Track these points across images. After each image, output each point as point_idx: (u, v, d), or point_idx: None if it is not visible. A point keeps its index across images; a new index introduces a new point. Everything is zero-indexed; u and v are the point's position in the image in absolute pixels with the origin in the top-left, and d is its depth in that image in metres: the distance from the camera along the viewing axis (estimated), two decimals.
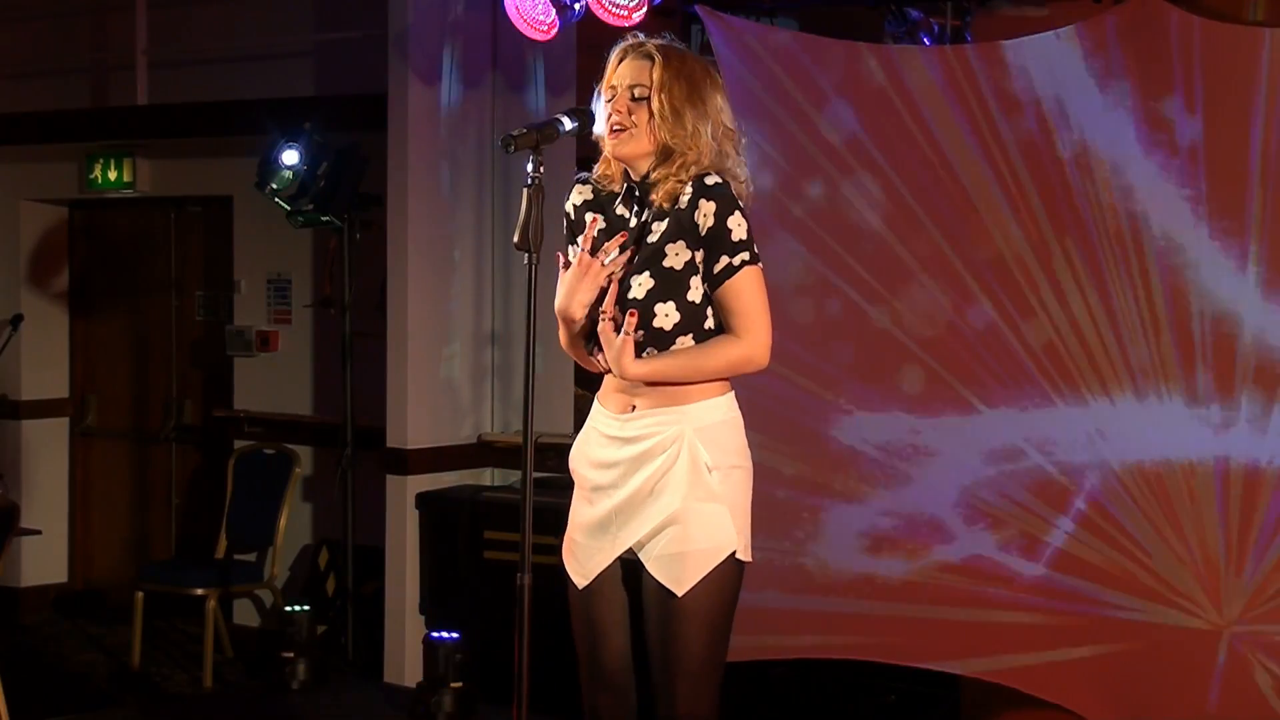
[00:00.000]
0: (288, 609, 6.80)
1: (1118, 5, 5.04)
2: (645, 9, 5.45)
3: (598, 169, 3.69)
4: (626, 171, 3.64)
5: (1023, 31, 5.19)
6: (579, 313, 3.60)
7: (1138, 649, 5.06)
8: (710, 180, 3.52)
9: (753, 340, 3.53)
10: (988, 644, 5.24)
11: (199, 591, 7.13)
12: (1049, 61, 5.06)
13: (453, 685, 6.15)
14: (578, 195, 3.73)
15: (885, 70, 5.27)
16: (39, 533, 8.04)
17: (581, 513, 3.66)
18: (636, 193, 3.62)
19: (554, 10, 5.73)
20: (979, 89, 5.14)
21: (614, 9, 5.50)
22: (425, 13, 6.66)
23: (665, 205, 3.53)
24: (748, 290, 3.52)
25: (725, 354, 3.53)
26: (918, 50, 5.58)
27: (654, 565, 3.52)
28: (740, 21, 5.53)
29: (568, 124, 3.58)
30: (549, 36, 5.90)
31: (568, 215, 3.74)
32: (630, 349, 3.49)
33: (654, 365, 3.51)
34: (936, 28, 6.22)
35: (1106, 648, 5.10)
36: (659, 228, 3.55)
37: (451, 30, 6.77)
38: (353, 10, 7.35)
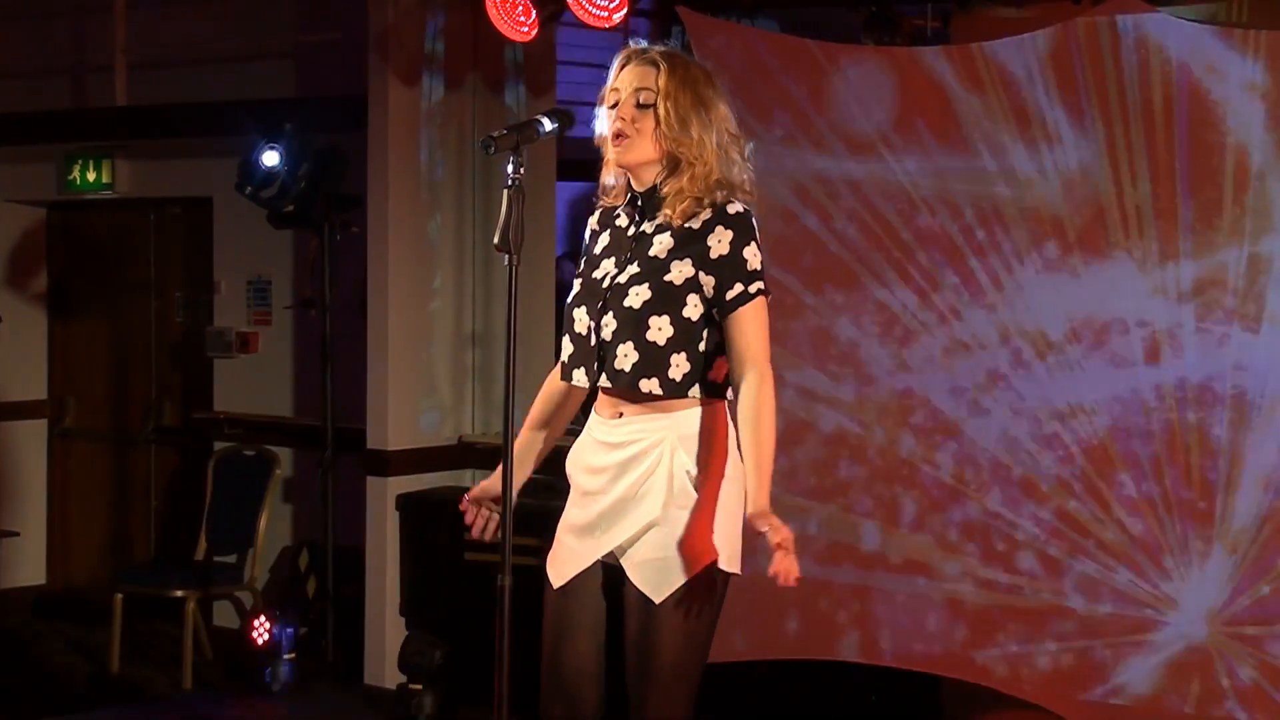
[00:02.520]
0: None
1: (1096, 6, 5.05)
2: (625, 10, 5.46)
3: (602, 176, 3.68)
4: (629, 180, 3.63)
5: (1003, 33, 5.21)
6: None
7: (1113, 647, 5.08)
8: (733, 209, 3.51)
9: (764, 368, 3.49)
10: (962, 639, 5.25)
11: (178, 593, 7.11)
12: (1026, 63, 5.07)
13: (433, 687, 6.14)
14: (593, 219, 3.75)
15: (864, 71, 5.28)
16: (17, 534, 8.04)
17: (572, 516, 3.66)
18: (640, 202, 3.61)
19: (534, 11, 5.73)
20: (956, 90, 5.15)
21: (594, 10, 5.50)
22: (406, 14, 6.66)
23: (677, 222, 3.52)
24: (760, 318, 3.51)
25: (769, 408, 3.46)
26: (896, 51, 5.58)
27: (634, 571, 3.51)
28: (720, 22, 5.54)
29: (548, 125, 3.58)
30: (529, 37, 5.90)
31: (584, 239, 3.75)
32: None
33: (766, 487, 3.41)
34: (916, 29, 6.23)
35: (1081, 644, 5.12)
36: (664, 241, 3.53)
37: (432, 31, 6.76)
38: (333, 11, 7.34)
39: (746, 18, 6.06)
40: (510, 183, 3.44)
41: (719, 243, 3.49)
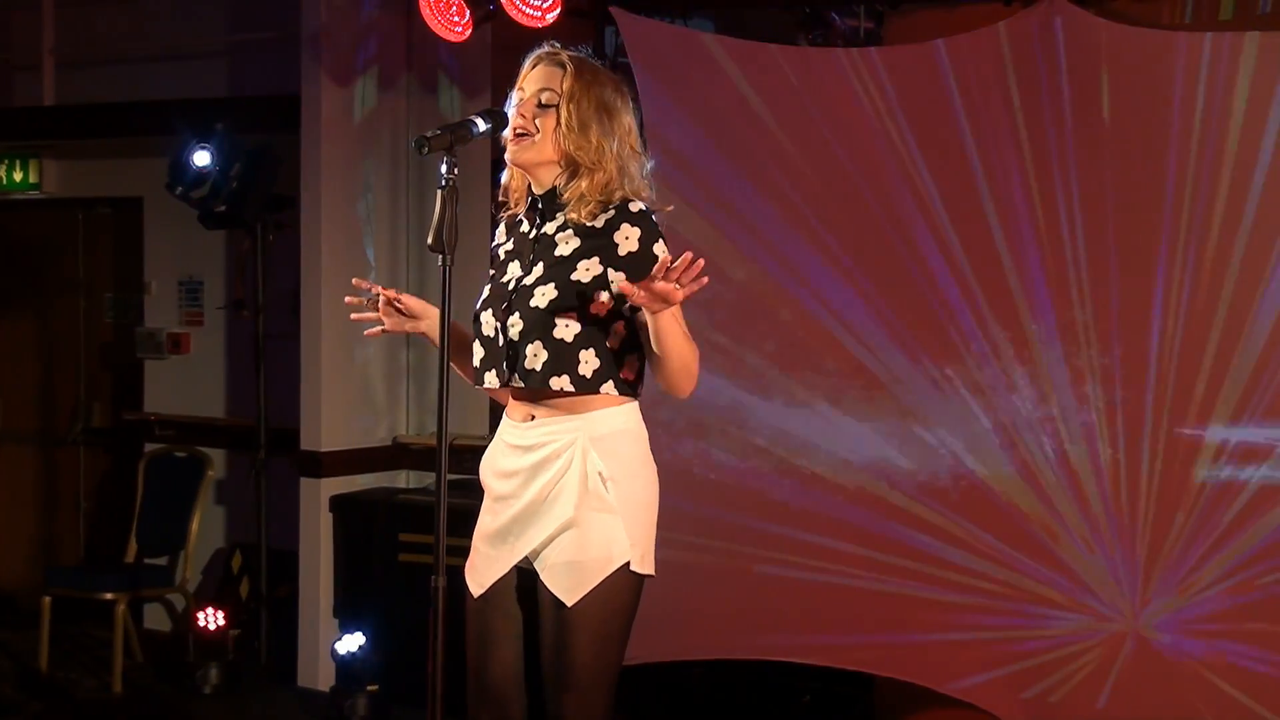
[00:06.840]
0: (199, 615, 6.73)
1: (1027, 9, 5.09)
2: (559, 9, 5.45)
3: (504, 178, 3.69)
4: (530, 185, 3.63)
5: (936, 34, 5.23)
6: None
7: (1049, 646, 5.12)
8: (635, 207, 3.51)
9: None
10: (897, 638, 5.28)
11: (108, 596, 7.05)
12: (957, 65, 5.10)
13: (367, 689, 6.12)
14: (500, 229, 3.74)
15: (799, 72, 5.29)
16: None
17: (485, 522, 3.64)
18: (539, 204, 3.61)
19: (468, 11, 5.71)
20: (887, 92, 5.17)
21: (527, 9, 5.49)
22: (338, 13, 6.63)
23: (584, 221, 3.51)
24: (679, 316, 3.48)
25: (693, 349, 3.47)
26: (830, 52, 5.60)
27: (547, 575, 3.50)
28: (654, 23, 5.53)
29: (481, 125, 3.57)
30: (463, 37, 5.88)
31: (491, 249, 3.74)
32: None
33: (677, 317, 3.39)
34: (850, 30, 6.26)
35: (1018, 643, 5.16)
36: (568, 239, 3.52)
37: (365, 31, 6.74)
38: (265, 10, 7.30)
39: (681, 19, 6.07)
40: (444, 183, 3.43)
41: (626, 240, 3.49)
